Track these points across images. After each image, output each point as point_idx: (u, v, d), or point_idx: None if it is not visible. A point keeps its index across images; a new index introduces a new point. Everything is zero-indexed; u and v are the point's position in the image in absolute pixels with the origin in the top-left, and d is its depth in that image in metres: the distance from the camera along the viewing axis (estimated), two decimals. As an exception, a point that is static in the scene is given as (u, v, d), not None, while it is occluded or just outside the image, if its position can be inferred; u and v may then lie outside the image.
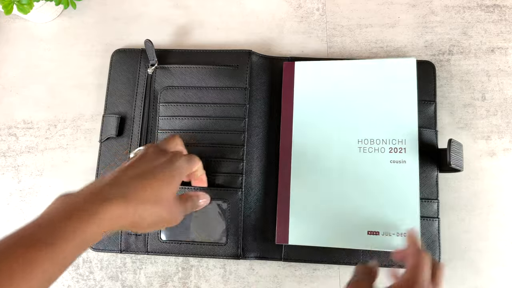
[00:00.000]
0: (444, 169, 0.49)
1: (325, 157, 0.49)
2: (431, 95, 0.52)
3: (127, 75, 0.56)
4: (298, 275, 0.51)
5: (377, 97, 0.50)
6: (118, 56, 0.57)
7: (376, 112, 0.50)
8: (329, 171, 0.49)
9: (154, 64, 0.55)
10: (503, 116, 0.53)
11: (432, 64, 0.53)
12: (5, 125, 0.58)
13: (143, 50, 0.56)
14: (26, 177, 0.56)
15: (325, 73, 0.52)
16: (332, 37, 0.57)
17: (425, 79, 0.52)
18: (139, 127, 0.54)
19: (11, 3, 0.51)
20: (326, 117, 0.50)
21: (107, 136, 0.54)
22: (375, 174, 0.48)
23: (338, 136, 0.49)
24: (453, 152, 0.47)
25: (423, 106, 0.51)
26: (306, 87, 0.52)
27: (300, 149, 0.50)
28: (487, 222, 0.50)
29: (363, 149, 0.49)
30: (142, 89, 0.55)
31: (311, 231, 0.48)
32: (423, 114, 0.51)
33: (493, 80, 0.54)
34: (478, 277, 0.49)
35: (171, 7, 0.60)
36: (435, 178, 0.50)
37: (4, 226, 0.55)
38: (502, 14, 0.56)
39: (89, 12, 0.61)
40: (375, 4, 0.58)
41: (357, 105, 0.50)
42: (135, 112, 0.54)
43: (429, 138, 0.50)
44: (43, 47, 0.60)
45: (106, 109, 0.55)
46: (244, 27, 0.59)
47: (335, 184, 0.48)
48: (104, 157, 0.54)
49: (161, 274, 0.52)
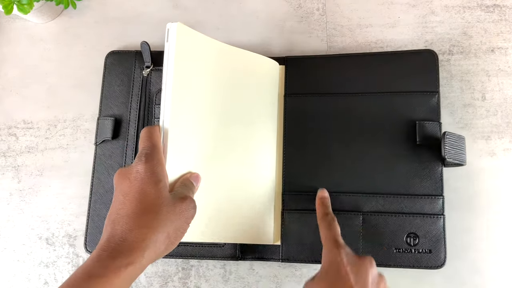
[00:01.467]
0: (447, 163, 0.48)
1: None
2: (433, 85, 0.50)
3: (122, 77, 0.56)
4: (298, 275, 0.51)
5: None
6: (112, 58, 0.57)
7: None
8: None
9: (150, 66, 0.54)
10: (503, 116, 0.53)
11: (433, 52, 0.51)
12: (5, 125, 0.58)
13: (137, 52, 0.56)
14: (26, 177, 0.56)
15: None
16: (332, 37, 0.57)
17: (427, 68, 0.51)
18: (134, 129, 0.53)
19: (11, 3, 0.51)
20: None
21: (103, 139, 0.53)
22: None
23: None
24: (449, 145, 0.46)
25: (425, 97, 0.50)
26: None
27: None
28: (487, 222, 0.50)
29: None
30: (137, 91, 0.55)
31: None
32: (425, 106, 0.50)
33: (493, 80, 0.54)
34: (478, 277, 0.49)
35: (171, 7, 0.60)
36: (440, 173, 0.48)
37: (4, 226, 0.55)
38: (502, 14, 0.56)
39: (89, 12, 0.61)
40: (375, 4, 0.58)
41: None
42: (130, 114, 0.54)
43: (432, 130, 0.49)
44: (43, 47, 0.60)
45: (101, 111, 0.55)
46: (244, 27, 0.59)
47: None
48: (100, 160, 0.54)
49: (161, 274, 0.52)
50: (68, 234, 0.55)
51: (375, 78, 0.52)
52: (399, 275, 0.49)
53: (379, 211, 0.48)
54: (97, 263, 0.32)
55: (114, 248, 0.33)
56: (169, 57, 0.41)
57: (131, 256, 0.33)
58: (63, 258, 0.54)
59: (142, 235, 0.33)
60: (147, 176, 0.36)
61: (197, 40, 0.44)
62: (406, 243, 0.47)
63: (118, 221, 0.34)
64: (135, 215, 0.34)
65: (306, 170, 0.50)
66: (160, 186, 0.36)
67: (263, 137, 0.50)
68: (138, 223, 0.34)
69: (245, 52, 0.50)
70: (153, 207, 0.35)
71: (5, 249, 0.55)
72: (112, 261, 0.32)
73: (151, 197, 0.35)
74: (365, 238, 0.48)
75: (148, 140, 0.38)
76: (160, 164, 0.37)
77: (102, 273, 0.31)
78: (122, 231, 0.34)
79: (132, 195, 0.35)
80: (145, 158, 0.37)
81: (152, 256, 0.34)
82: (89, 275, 0.31)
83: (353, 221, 0.48)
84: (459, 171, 0.51)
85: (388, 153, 0.49)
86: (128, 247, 0.33)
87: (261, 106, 0.51)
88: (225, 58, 0.48)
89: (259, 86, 0.51)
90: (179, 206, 0.36)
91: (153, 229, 0.34)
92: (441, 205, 0.48)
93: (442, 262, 0.47)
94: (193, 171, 0.42)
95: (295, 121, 0.52)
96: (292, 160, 0.51)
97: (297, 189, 0.50)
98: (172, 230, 0.35)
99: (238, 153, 0.47)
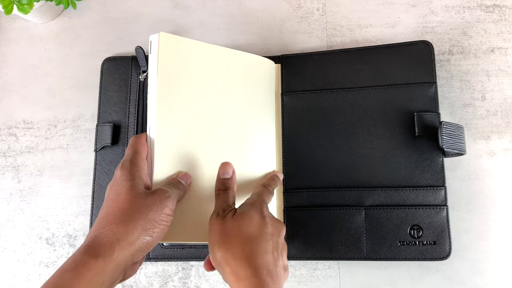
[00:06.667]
0: (447, 153, 0.48)
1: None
2: (430, 76, 0.50)
3: (119, 83, 0.56)
4: (298, 275, 0.51)
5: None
6: (108, 64, 0.57)
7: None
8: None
9: (146, 71, 0.54)
10: (503, 116, 0.53)
11: (428, 43, 0.51)
12: (5, 125, 0.58)
13: (133, 57, 0.56)
14: (26, 177, 0.56)
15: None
16: (332, 37, 0.57)
17: (423, 59, 0.51)
18: (134, 135, 0.53)
19: (11, 3, 0.51)
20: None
21: (102, 145, 0.53)
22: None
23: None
24: (447, 135, 0.46)
25: (422, 89, 0.50)
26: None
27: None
28: (487, 222, 0.50)
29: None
30: (135, 96, 0.55)
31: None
32: (422, 97, 0.50)
33: (493, 80, 0.54)
34: (478, 277, 0.49)
35: (171, 7, 0.60)
36: (440, 163, 0.48)
37: (4, 226, 0.55)
38: (502, 14, 0.56)
39: (89, 12, 0.61)
40: (375, 4, 0.58)
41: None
42: (129, 119, 0.54)
43: (431, 121, 0.49)
44: (43, 47, 0.60)
45: (100, 118, 0.55)
46: (244, 27, 0.59)
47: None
48: (101, 166, 0.54)
49: (161, 274, 0.52)
50: (68, 234, 0.55)
51: (372, 71, 0.52)
52: (399, 275, 0.50)
53: (381, 204, 0.48)
54: (70, 260, 0.35)
55: (85, 246, 0.35)
56: (152, 68, 0.43)
57: (99, 249, 0.35)
58: (63, 258, 0.54)
59: (112, 230, 0.35)
60: (122, 179, 0.38)
61: (184, 46, 0.45)
62: (410, 235, 0.47)
63: (94, 224, 0.37)
64: (108, 214, 0.37)
65: (306, 167, 0.50)
66: (132, 184, 0.38)
67: (262, 136, 0.51)
68: (109, 220, 0.36)
69: (239, 53, 0.50)
70: (123, 204, 0.37)
71: (5, 249, 0.55)
72: (81, 256, 0.34)
73: (123, 195, 0.37)
74: (369, 232, 0.48)
75: (130, 148, 0.41)
76: (135, 167, 0.39)
77: (72, 267, 0.34)
78: (95, 230, 0.36)
79: (109, 198, 0.38)
80: (121, 165, 0.39)
81: (127, 249, 0.35)
82: (62, 270, 0.34)
83: (356, 215, 0.48)
84: (459, 171, 0.51)
85: (388, 146, 0.49)
86: (98, 243, 0.35)
87: (258, 105, 0.51)
88: (217, 60, 0.48)
89: (255, 85, 0.51)
90: (150, 198, 0.37)
91: (123, 224, 0.36)
92: (444, 196, 0.48)
93: (447, 253, 0.46)
94: (182, 171, 0.43)
95: (293, 118, 0.52)
96: (292, 157, 0.51)
97: (298, 187, 0.50)
98: (147, 222, 0.36)
99: (236, 153, 0.47)
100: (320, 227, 0.49)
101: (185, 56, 0.45)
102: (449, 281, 0.49)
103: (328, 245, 0.48)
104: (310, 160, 0.50)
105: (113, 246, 0.35)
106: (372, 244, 0.48)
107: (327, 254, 0.48)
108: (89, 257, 0.34)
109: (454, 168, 0.51)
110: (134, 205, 0.37)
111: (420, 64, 0.51)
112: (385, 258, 0.47)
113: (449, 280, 0.49)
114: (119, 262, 0.35)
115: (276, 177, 0.48)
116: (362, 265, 0.50)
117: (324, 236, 0.48)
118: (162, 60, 0.43)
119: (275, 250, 0.39)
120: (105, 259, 0.34)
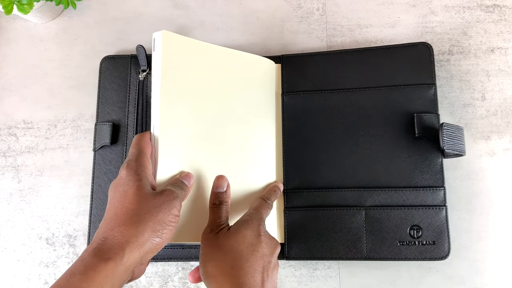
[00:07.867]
0: (446, 154, 0.48)
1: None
2: (429, 77, 0.51)
3: (118, 81, 0.55)
4: (298, 275, 0.51)
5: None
6: (107, 63, 0.56)
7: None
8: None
9: (146, 70, 0.54)
10: (503, 116, 0.53)
11: (428, 45, 0.52)
12: (5, 125, 0.58)
13: (132, 56, 0.56)
14: (26, 177, 0.56)
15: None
16: (332, 37, 0.57)
17: (422, 61, 0.51)
18: (133, 134, 0.53)
19: (11, 3, 0.51)
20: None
21: (101, 145, 0.53)
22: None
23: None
24: (447, 136, 0.46)
25: (422, 90, 0.50)
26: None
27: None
28: (487, 222, 0.50)
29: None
30: (134, 95, 0.54)
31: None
32: (422, 99, 0.50)
33: (493, 80, 0.54)
34: (478, 277, 0.49)
35: (171, 7, 0.60)
36: (440, 164, 0.48)
37: (4, 226, 0.55)
38: (502, 14, 0.56)
39: (89, 12, 0.61)
40: (375, 4, 0.58)
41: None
42: (128, 119, 0.54)
43: (430, 122, 0.49)
44: (43, 47, 0.60)
45: (98, 117, 0.55)
46: (244, 27, 0.59)
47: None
48: (99, 166, 0.53)
49: (161, 274, 0.52)
50: (68, 234, 0.55)
51: (372, 72, 0.52)
52: (399, 275, 0.50)
53: (381, 205, 0.48)
54: (79, 262, 0.34)
55: (95, 248, 0.34)
56: (156, 66, 0.42)
57: (110, 252, 0.34)
58: (63, 258, 0.54)
59: (122, 232, 0.35)
60: (128, 179, 0.38)
61: (186, 45, 0.45)
62: (410, 235, 0.47)
63: (102, 225, 0.36)
64: (116, 215, 0.36)
65: (306, 167, 0.50)
66: (139, 184, 0.37)
67: (262, 136, 0.51)
68: (118, 222, 0.35)
69: (239, 53, 0.50)
70: (132, 205, 0.36)
71: (5, 249, 0.55)
72: (91, 258, 0.33)
73: (131, 196, 0.37)
74: (369, 232, 0.48)
75: (134, 146, 0.41)
76: (141, 166, 0.39)
77: (82, 271, 0.33)
78: (104, 232, 0.35)
79: (116, 199, 0.37)
80: (127, 164, 0.39)
81: (137, 251, 0.35)
82: (71, 273, 0.33)
83: (356, 216, 0.48)
84: (459, 171, 0.51)
85: (388, 146, 0.50)
86: (108, 245, 0.34)
87: (259, 105, 0.51)
88: (218, 60, 0.48)
89: (255, 85, 0.51)
90: (158, 198, 0.37)
91: (133, 225, 0.35)
92: (443, 196, 0.48)
93: (446, 253, 0.47)
94: (185, 171, 0.43)
95: (293, 119, 0.52)
96: (292, 158, 0.51)
97: (298, 187, 0.50)
98: (156, 223, 0.36)
99: (236, 153, 0.48)
100: (320, 227, 0.49)
101: (186, 55, 0.45)
102: (449, 281, 0.49)
103: (328, 245, 0.48)
104: (311, 160, 0.51)
105: (123, 248, 0.34)
106: (372, 244, 0.48)
107: (327, 254, 0.48)
108: (98, 260, 0.33)
109: (454, 168, 0.51)
110: (142, 206, 0.36)
111: (420, 65, 0.51)
112: (385, 258, 0.47)
113: (448, 280, 0.49)
114: (129, 264, 0.34)
115: (277, 189, 0.49)
116: (362, 265, 0.50)
117: (324, 236, 0.48)
118: (165, 58, 0.43)
119: (265, 270, 0.39)
120: (115, 262, 0.33)
